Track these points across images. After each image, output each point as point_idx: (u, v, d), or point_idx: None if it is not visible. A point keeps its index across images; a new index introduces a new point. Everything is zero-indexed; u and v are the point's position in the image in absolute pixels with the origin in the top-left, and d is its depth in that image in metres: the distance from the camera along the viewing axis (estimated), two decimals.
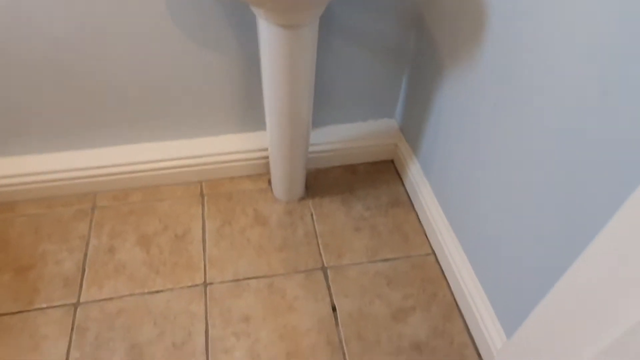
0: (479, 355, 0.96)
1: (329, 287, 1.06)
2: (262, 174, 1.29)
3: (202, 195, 1.24)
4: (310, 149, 1.23)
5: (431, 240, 1.14)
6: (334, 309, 1.03)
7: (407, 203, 1.24)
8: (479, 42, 0.85)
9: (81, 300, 1.02)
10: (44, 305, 1.01)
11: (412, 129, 1.22)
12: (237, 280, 1.07)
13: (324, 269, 1.09)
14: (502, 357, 0.56)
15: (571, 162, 0.66)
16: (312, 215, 1.21)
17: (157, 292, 1.04)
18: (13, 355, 0.94)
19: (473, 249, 0.98)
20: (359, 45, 1.12)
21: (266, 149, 1.23)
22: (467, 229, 1.00)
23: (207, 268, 1.09)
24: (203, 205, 1.22)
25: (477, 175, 0.92)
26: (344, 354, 0.96)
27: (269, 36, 0.86)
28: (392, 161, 1.35)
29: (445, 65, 0.99)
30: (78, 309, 1.01)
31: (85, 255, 1.10)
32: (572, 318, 0.41)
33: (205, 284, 1.06)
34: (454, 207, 1.05)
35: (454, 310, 1.03)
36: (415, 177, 1.21)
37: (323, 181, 1.29)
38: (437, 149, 1.09)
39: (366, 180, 1.29)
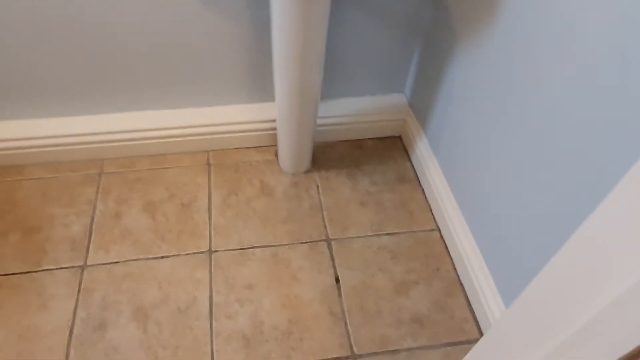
0: (479, 329, 0.97)
1: (332, 259, 1.07)
2: (269, 145, 1.28)
3: (208, 164, 1.24)
4: (318, 122, 1.22)
5: (436, 217, 1.14)
6: (337, 280, 1.04)
7: (413, 179, 1.24)
8: (495, 16, 0.83)
9: (88, 262, 1.04)
10: (52, 267, 1.03)
11: (422, 105, 1.20)
12: (242, 249, 1.08)
13: (328, 241, 1.10)
14: (499, 326, 0.57)
15: (580, 141, 0.65)
16: (318, 188, 1.21)
17: (163, 257, 1.06)
18: (22, 313, 0.96)
19: (478, 226, 0.98)
20: (372, 18, 1.10)
21: (274, 121, 1.23)
22: (473, 205, 1.00)
23: (212, 236, 1.10)
24: (209, 174, 1.22)
25: (487, 152, 0.92)
26: (345, 323, 0.97)
27: (280, 4, 0.84)
28: (399, 137, 1.34)
29: (460, 40, 0.97)
30: (85, 271, 1.03)
31: (92, 219, 1.12)
32: (570, 286, 0.42)
33: (210, 252, 1.07)
34: (461, 183, 1.05)
35: (456, 285, 1.03)
36: (423, 153, 1.20)
37: (330, 155, 1.28)
38: (447, 126, 1.08)
39: (373, 156, 1.29)
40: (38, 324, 0.95)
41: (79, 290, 1.00)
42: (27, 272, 1.02)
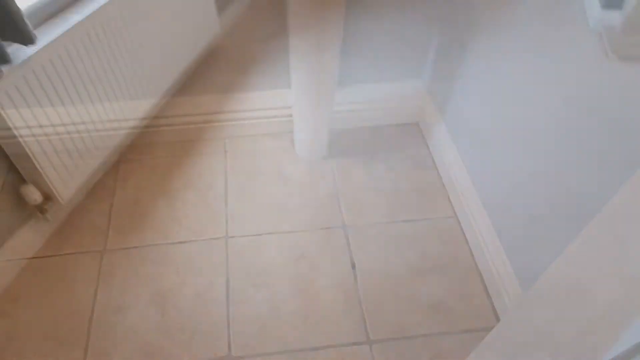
0: (496, 316, 0.95)
1: (348, 245, 1.07)
2: (285, 132, 1.28)
3: (225, 151, 1.25)
4: (335, 108, 1.21)
5: (454, 204, 1.13)
6: (353, 266, 1.03)
7: (431, 166, 1.22)
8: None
9: (108, 247, 1.06)
10: (74, 251, 1.05)
11: (440, 91, 1.19)
12: (258, 234, 1.08)
13: (344, 227, 1.10)
14: (516, 311, 0.56)
15: (602, 126, 0.63)
16: (334, 174, 1.20)
17: (180, 242, 1.07)
18: (45, 294, 0.98)
19: (497, 214, 0.97)
20: (389, 4, 1.08)
21: (290, 107, 1.22)
22: (493, 192, 0.98)
23: (228, 222, 1.10)
24: (226, 161, 1.23)
25: (508, 139, 0.90)
26: (361, 308, 0.97)
27: None
28: (417, 124, 1.32)
29: (479, 25, 0.95)
30: (105, 256, 1.04)
31: (112, 205, 1.13)
32: (587, 272, 0.41)
33: (226, 237, 1.08)
34: (480, 171, 1.03)
35: (473, 272, 1.02)
36: (441, 140, 1.18)
37: (346, 141, 1.28)
38: (466, 112, 1.06)
39: (390, 142, 1.28)
40: (61, 306, 0.97)
41: (99, 274, 1.01)
42: (51, 256, 1.04)
